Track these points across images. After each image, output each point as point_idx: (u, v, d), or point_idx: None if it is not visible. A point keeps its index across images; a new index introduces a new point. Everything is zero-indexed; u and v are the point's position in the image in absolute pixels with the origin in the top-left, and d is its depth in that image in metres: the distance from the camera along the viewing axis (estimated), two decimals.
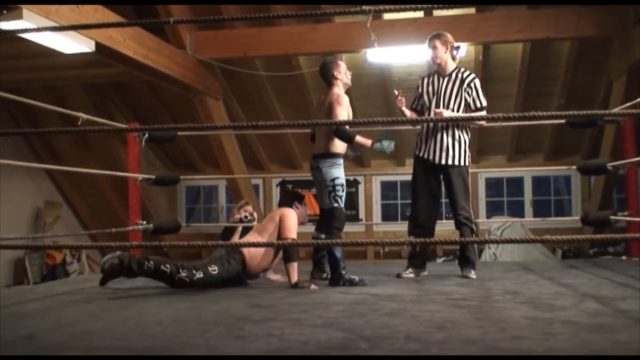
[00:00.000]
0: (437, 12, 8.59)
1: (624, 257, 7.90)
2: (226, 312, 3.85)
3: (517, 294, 4.37)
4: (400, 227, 5.94)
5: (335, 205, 5.25)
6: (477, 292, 4.57)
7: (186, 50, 8.61)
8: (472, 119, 5.43)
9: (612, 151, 8.32)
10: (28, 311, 4.07)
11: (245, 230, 7.33)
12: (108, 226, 7.47)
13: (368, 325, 3.30)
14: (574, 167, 7.18)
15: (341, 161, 5.32)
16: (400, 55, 8.71)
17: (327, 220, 5.29)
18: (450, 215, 5.91)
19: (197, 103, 9.10)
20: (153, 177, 7.19)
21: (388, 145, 5.32)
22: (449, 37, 5.71)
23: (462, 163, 5.57)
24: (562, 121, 6.94)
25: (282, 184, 12.27)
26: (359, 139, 5.17)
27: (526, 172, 11.68)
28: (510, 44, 9.14)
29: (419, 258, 5.74)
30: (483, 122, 5.90)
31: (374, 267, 6.71)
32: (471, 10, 8.49)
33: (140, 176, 7.05)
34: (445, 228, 11.11)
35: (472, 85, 5.57)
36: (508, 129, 10.24)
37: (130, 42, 7.04)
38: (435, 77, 5.74)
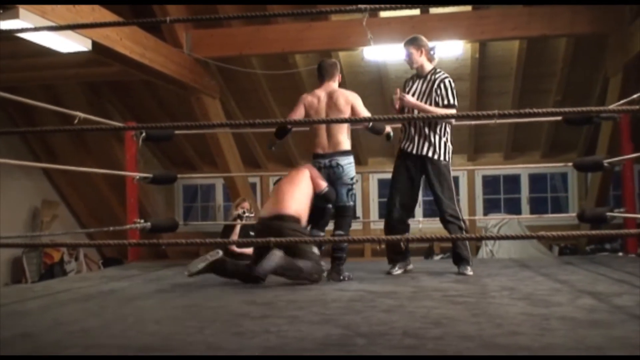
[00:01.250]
0: (433, 10, 8.60)
1: (620, 254, 7.92)
2: (224, 309, 3.86)
3: (514, 290, 4.39)
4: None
5: (351, 203, 5.49)
6: (474, 288, 4.59)
7: (183, 49, 8.61)
8: (445, 117, 5.49)
9: (609, 148, 8.33)
10: (26, 310, 4.08)
11: (244, 227, 7.39)
12: (106, 225, 7.49)
13: (365, 321, 3.32)
14: (571, 164, 7.20)
15: None
16: (396, 52, 8.70)
17: (342, 218, 5.46)
18: None
19: (194, 102, 9.09)
20: (150, 176, 7.20)
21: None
22: (423, 40, 5.82)
23: (441, 158, 5.60)
24: (559, 118, 6.95)
25: None
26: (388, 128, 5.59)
27: (523, 170, 11.69)
28: (507, 42, 9.15)
29: (400, 254, 5.75)
30: (452, 120, 5.85)
31: (372, 264, 6.73)
32: (467, 8, 8.49)
33: (138, 175, 7.06)
34: (442, 226, 11.17)
35: (442, 84, 5.62)
36: (504, 126, 10.26)
37: (126, 41, 7.03)
38: (415, 79, 5.85)
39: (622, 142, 7.07)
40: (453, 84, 5.65)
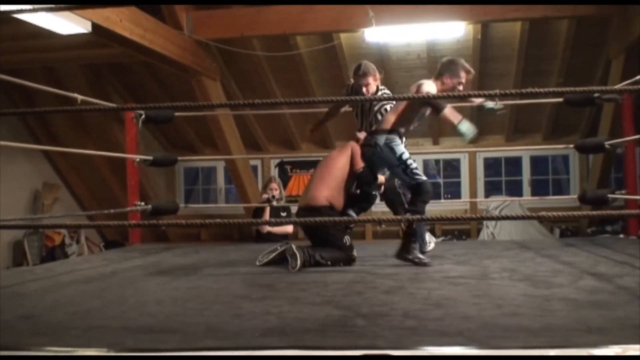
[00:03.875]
0: None
1: (621, 236, 7.91)
2: (225, 291, 3.86)
3: (515, 272, 4.39)
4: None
5: (419, 179, 4.98)
6: (475, 270, 4.58)
7: (183, 30, 8.56)
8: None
9: (611, 130, 8.30)
10: (27, 292, 4.07)
11: (274, 208, 7.46)
12: (106, 208, 7.49)
13: (366, 302, 3.32)
14: (572, 146, 7.17)
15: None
16: (398, 34, 8.67)
17: (414, 196, 5.03)
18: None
19: (195, 84, 9.06)
20: (151, 158, 7.19)
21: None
22: (374, 68, 5.57)
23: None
24: (560, 100, 6.92)
25: (281, 165, 12.27)
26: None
27: (524, 152, 11.68)
28: (509, 23, 9.11)
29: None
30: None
31: (372, 246, 6.74)
32: None
33: (138, 157, 7.05)
34: (444, 207, 11.19)
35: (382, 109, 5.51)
36: (506, 108, 10.21)
37: (126, 22, 7.00)
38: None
39: (624, 124, 7.04)
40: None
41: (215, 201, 12.72)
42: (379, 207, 11.72)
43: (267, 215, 7.45)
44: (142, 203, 6.88)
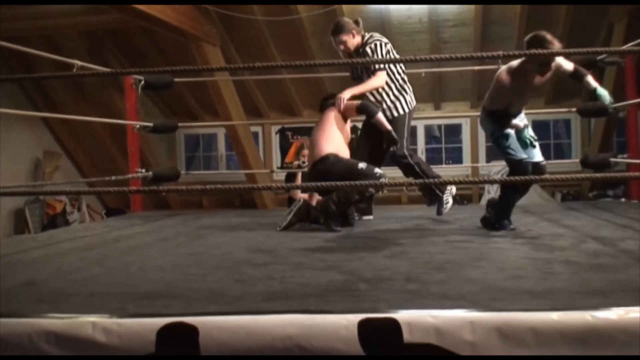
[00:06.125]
0: None
1: (623, 200, 7.91)
2: (227, 256, 3.87)
3: (517, 236, 4.39)
4: (399, 173, 5.82)
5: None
6: (477, 233, 4.59)
7: None
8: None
9: (613, 94, 8.23)
10: (29, 259, 4.08)
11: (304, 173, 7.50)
12: (107, 176, 7.48)
13: (368, 267, 3.32)
14: (574, 110, 7.14)
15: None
16: None
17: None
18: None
19: (195, 50, 8.99)
20: (151, 124, 7.16)
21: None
22: (348, 23, 5.55)
23: (394, 114, 5.52)
24: None
25: (282, 131, 12.23)
26: None
27: (526, 116, 11.57)
28: None
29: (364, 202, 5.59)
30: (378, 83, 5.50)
31: (374, 211, 6.73)
32: None
33: (139, 124, 7.02)
34: (445, 173, 11.17)
35: (365, 55, 5.46)
36: None
37: None
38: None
39: (627, 87, 7.00)
40: (375, 47, 5.47)
41: (216, 168, 12.70)
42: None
43: (298, 181, 7.46)
44: (143, 170, 6.87)
